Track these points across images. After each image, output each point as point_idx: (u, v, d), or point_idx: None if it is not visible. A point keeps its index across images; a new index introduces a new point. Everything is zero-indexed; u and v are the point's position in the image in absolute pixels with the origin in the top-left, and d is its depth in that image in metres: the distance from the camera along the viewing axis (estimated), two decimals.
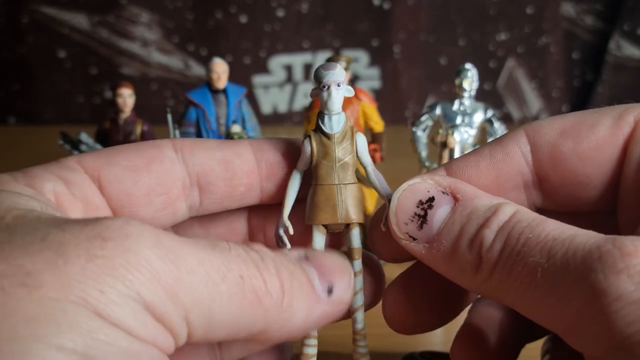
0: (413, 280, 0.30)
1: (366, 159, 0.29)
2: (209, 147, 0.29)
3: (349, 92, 0.29)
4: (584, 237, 0.22)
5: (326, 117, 0.28)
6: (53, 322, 0.18)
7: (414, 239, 0.26)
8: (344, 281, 0.26)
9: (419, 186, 0.27)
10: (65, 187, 0.25)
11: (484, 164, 0.28)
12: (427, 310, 0.30)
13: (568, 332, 0.22)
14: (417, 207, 0.26)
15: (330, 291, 0.25)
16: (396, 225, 0.27)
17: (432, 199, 0.26)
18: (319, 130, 0.29)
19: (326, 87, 0.28)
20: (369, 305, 0.30)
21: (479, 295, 0.32)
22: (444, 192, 0.26)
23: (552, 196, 0.29)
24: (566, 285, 0.21)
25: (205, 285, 0.21)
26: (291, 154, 0.30)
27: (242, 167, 0.29)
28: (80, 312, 0.19)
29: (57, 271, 0.19)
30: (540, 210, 0.29)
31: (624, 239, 0.21)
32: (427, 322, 0.30)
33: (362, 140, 0.29)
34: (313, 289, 0.24)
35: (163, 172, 0.28)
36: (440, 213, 0.26)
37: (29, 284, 0.18)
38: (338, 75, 0.28)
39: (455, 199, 0.26)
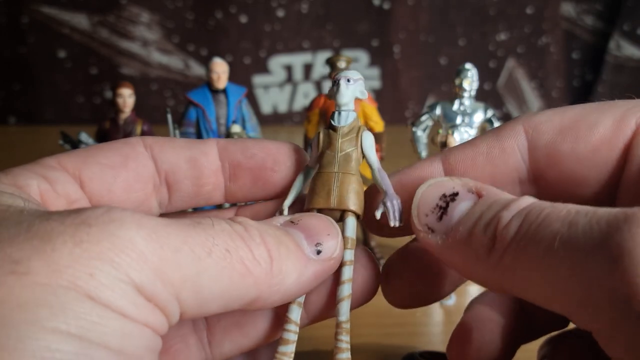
0: (411, 253, 0.30)
1: (372, 157, 0.29)
2: (177, 146, 0.30)
3: (362, 94, 0.30)
4: (607, 208, 0.21)
5: (336, 113, 0.29)
6: (45, 306, 0.18)
7: (432, 231, 0.26)
8: (332, 239, 0.26)
9: (445, 182, 0.27)
10: (49, 185, 0.26)
11: (481, 160, 0.28)
12: (426, 282, 0.30)
13: (580, 304, 0.21)
14: (440, 199, 0.26)
15: (319, 251, 0.26)
16: (417, 217, 0.27)
17: (456, 194, 0.26)
18: (329, 125, 0.30)
19: (336, 82, 0.29)
20: (361, 301, 0.29)
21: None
22: (469, 191, 0.26)
23: (548, 191, 0.29)
24: (587, 250, 0.20)
25: (191, 261, 0.21)
26: (257, 156, 0.30)
27: (208, 166, 0.29)
28: (71, 295, 0.19)
29: (45, 257, 0.19)
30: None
31: None
32: (427, 294, 0.30)
33: (368, 137, 0.29)
34: (301, 251, 0.25)
35: (139, 168, 0.28)
36: (462, 206, 0.26)
37: (18, 271, 0.19)
38: (350, 73, 0.29)
39: (480, 196, 0.26)
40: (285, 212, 0.29)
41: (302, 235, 0.26)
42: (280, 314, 0.29)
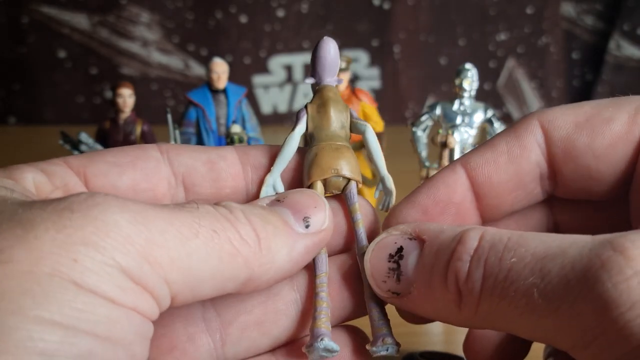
0: None
1: None
2: (194, 150, 0.30)
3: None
4: (575, 247, 0.21)
5: None
6: (28, 294, 0.18)
7: (398, 294, 0.26)
8: (319, 212, 0.26)
9: (386, 241, 0.26)
10: (46, 178, 0.25)
11: (503, 161, 0.28)
12: (511, 341, 0.29)
13: (576, 347, 0.21)
14: (389, 261, 0.26)
15: (307, 225, 0.25)
16: (377, 287, 0.26)
17: (400, 249, 0.26)
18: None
19: None
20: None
21: None
22: (410, 239, 0.26)
23: (564, 187, 0.29)
24: (570, 301, 0.20)
25: (179, 242, 0.21)
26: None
27: (227, 169, 0.29)
28: (55, 282, 0.19)
29: (28, 245, 0.19)
30: (552, 198, 0.29)
31: (621, 241, 0.20)
32: (513, 353, 0.30)
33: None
34: (289, 227, 0.25)
35: (147, 169, 0.28)
36: (411, 260, 0.25)
37: (0, 260, 0.18)
38: None
39: (422, 241, 0.25)
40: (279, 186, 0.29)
41: (289, 212, 0.25)
42: (305, 310, 0.29)
